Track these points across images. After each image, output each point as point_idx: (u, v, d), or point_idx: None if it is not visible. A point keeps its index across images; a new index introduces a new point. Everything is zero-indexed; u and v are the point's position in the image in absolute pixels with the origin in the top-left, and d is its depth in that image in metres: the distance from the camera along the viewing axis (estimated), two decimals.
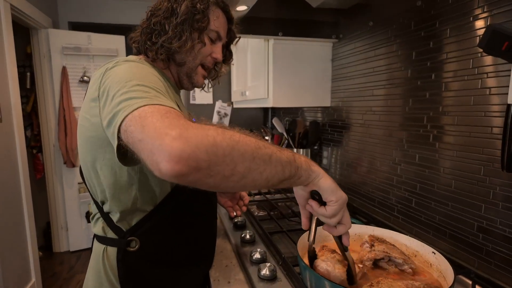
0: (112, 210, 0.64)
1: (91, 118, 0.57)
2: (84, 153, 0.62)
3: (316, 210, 0.52)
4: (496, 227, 0.72)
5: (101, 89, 0.54)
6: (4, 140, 1.89)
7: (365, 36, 1.18)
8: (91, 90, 0.58)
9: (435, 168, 0.88)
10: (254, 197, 1.30)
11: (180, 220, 0.67)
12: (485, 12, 0.72)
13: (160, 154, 0.37)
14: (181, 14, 0.65)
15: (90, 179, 0.64)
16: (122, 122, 0.44)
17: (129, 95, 0.47)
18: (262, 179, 0.43)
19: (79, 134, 0.63)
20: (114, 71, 0.55)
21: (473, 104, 0.76)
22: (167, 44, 0.65)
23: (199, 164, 0.37)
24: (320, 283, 0.56)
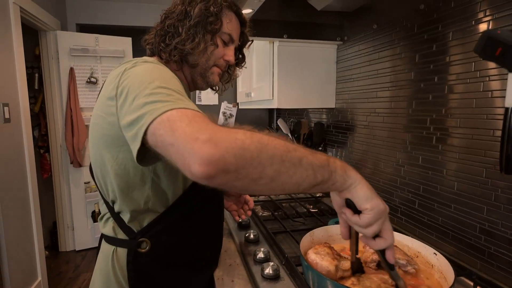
0: (123, 210, 0.64)
1: (106, 117, 0.57)
2: (97, 151, 0.62)
3: (349, 218, 0.49)
4: (498, 229, 0.72)
5: (119, 89, 0.54)
6: (12, 140, 1.93)
7: (369, 38, 1.19)
8: (108, 89, 0.58)
9: (438, 170, 0.89)
10: (258, 198, 1.31)
11: (191, 222, 0.68)
12: (487, 16, 0.73)
13: (191, 157, 0.38)
14: (194, 17, 0.66)
15: (102, 178, 0.64)
16: (149, 125, 0.44)
17: (154, 98, 0.47)
18: (291, 182, 0.42)
19: (91, 132, 0.64)
20: (133, 71, 0.56)
21: (475, 106, 0.77)
22: (181, 45, 0.66)
23: (227, 167, 0.38)
24: (322, 282, 0.57)
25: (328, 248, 0.66)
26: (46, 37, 2.62)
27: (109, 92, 0.57)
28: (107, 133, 0.58)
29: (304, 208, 1.19)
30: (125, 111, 0.51)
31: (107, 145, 0.60)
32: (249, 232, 0.92)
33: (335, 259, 0.63)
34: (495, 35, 0.35)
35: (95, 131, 0.62)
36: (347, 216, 0.49)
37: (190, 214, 0.67)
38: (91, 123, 0.64)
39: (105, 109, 0.58)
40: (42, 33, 2.62)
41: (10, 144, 1.89)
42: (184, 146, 0.40)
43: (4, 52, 1.86)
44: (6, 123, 1.83)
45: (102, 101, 0.59)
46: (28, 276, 2.07)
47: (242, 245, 0.89)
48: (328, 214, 1.11)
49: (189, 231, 0.68)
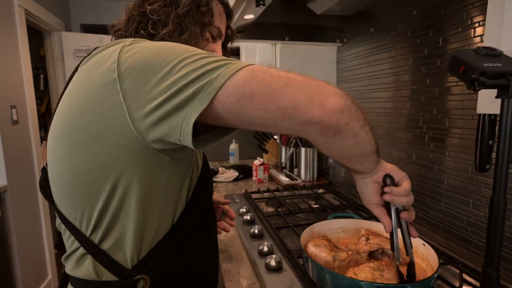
0: (111, 240, 0.49)
1: (101, 111, 0.44)
2: (73, 160, 0.46)
3: (396, 192, 0.52)
4: (482, 222, 0.78)
5: (123, 67, 0.43)
6: (21, 141, 1.98)
7: (367, 41, 1.24)
8: (95, 75, 0.45)
9: (430, 166, 0.95)
10: (263, 195, 1.38)
11: (191, 242, 0.57)
12: (474, 24, 0.78)
13: (324, 92, 0.40)
14: (183, 5, 0.57)
15: (76, 200, 0.48)
16: (226, 81, 0.39)
17: (208, 59, 0.42)
18: (363, 146, 0.47)
19: (58, 137, 0.48)
20: (141, 46, 0.45)
21: (462, 108, 0.82)
22: (168, 38, 0.56)
23: (351, 103, 0.42)
24: (320, 272, 0.64)
25: (326, 240, 0.72)
26: (50, 38, 2.67)
27: (99, 78, 0.44)
28: (103, 132, 0.44)
29: (306, 204, 1.25)
30: (155, 85, 0.41)
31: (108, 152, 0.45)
32: (253, 227, 0.99)
33: (332, 251, 0.69)
34: (459, 55, 0.41)
35: (70, 133, 0.46)
36: (394, 192, 0.53)
37: (188, 237, 0.56)
38: (58, 124, 0.48)
39: (95, 101, 0.44)
40: (46, 34, 2.66)
41: (18, 145, 1.95)
42: (311, 83, 0.41)
43: (10, 55, 1.90)
44: (14, 124, 1.89)
45: (83, 92, 0.45)
46: (39, 275, 2.13)
47: (247, 239, 0.95)
48: (328, 210, 1.17)
49: (188, 257, 0.56)
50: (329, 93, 0.41)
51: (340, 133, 0.43)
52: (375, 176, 0.54)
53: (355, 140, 0.45)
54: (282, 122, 0.42)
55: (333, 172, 1.61)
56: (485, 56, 0.41)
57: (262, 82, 0.40)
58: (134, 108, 0.42)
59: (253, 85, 0.40)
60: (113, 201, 0.47)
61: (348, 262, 0.69)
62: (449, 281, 0.69)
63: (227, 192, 1.51)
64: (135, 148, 0.45)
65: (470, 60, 0.40)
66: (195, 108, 0.40)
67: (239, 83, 0.40)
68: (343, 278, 0.58)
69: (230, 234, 1.02)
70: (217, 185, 1.65)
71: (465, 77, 0.40)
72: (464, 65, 0.40)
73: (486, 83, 0.38)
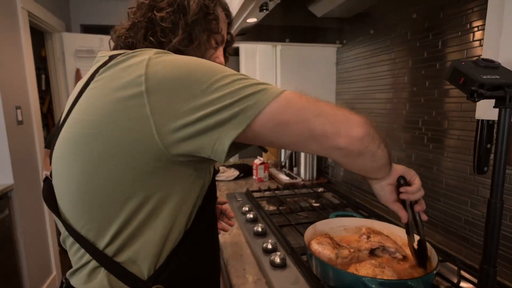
0: (131, 254, 0.48)
1: (128, 122, 0.43)
2: (91, 172, 0.46)
3: (411, 191, 0.61)
4: (480, 220, 0.81)
5: (153, 81, 0.43)
6: (25, 141, 2.01)
7: (367, 43, 1.26)
8: (118, 85, 0.45)
9: (429, 167, 0.97)
10: (264, 193, 1.40)
11: (200, 247, 0.57)
12: (473, 28, 0.80)
13: (350, 122, 0.47)
14: (192, 13, 0.57)
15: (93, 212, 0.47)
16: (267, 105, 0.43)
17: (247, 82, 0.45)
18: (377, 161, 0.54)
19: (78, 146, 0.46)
20: (169, 60, 0.45)
21: (461, 110, 0.85)
22: (182, 47, 0.56)
23: (370, 129, 0.49)
24: (324, 268, 0.66)
25: (329, 238, 0.74)
26: (52, 39, 2.68)
27: (123, 89, 0.44)
28: (126, 144, 0.44)
29: (307, 203, 1.27)
30: (187, 102, 0.42)
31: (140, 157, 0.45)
32: (257, 225, 1.01)
33: (335, 248, 0.71)
34: (459, 66, 0.43)
35: (90, 144, 0.45)
36: (409, 191, 0.61)
37: (198, 242, 0.56)
38: (72, 134, 0.47)
39: (119, 112, 0.44)
40: (47, 35, 2.68)
41: (23, 145, 1.98)
42: (337, 114, 0.47)
43: (14, 56, 1.92)
44: (19, 125, 1.92)
45: (105, 103, 0.45)
46: (44, 271, 2.17)
47: (250, 237, 0.97)
48: (329, 208, 1.20)
49: (197, 261, 0.57)
50: (353, 123, 0.48)
51: (361, 155, 0.50)
52: (390, 179, 0.61)
53: (372, 158, 0.52)
54: (311, 146, 0.48)
55: (332, 171, 1.64)
56: (484, 68, 0.43)
57: (298, 111, 0.46)
58: (162, 122, 0.43)
59: (290, 114, 0.45)
60: (136, 213, 0.47)
61: (350, 259, 0.71)
62: (448, 277, 0.71)
63: (229, 191, 1.53)
64: (159, 160, 0.45)
65: (470, 72, 0.42)
66: (231, 131, 0.43)
67: (278, 110, 0.45)
68: (346, 274, 0.61)
69: (234, 232, 1.05)
70: (218, 184, 1.67)
71: (465, 88, 0.42)
72: (464, 76, 0.42)
73: (485, 95, 0.40)
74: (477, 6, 0.78)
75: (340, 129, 0.47)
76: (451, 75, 0.45)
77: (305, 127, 0.46)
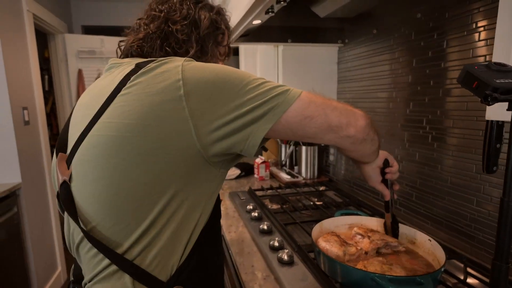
0: (154, 256, 0.49)
1: (169, 125, 0.46)
2: (125, 174, 0.47)
3: (394, 170, 0.74)
4: (486, 218, 0.82)
5: (191, 85, 0.46)
6: (31, 141, 2.03)
7: (369, 42, 1.27)
8: (155, 90, 0.46)
9: (433, 165, 0.98)
10: (266, 192, 1.41)
11: (212, 245, 0.59)
12: (479, 28, 0.81)
13: (357, 116, 0.58)
14: (204, 27, 0.62)
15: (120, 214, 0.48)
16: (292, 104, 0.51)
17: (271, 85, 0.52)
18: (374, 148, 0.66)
19: (110, 149, 0.47)
20: (201, 66, 0.50)
21: (467, 109, 0.85)
22: (195, 58, 0.58)
23: (369, 120, 0.60)
24: (333, 264, 0.67)
25: (336, 236, 0.75)
26: (54, 40, 2.70)
27: (160, 94, 0.46)
28: (164, 146, 0.46)
29: (310, 201, 1.28)
30: (223, 104, 0.48)
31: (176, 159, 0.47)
32: (262, 223, 1.02)
33: (342, 246, 0.72)
34: (473, 70, 0.44)
35: (125, 146, 0.46)
36: (392, 170, 0.74)
37: (212, 241, 0.58)
38: (103, 137, 0.48)
39: (159, 116, 0.46)
40: (50, 36, 2.69)
41: (30, 145, 2.01)
42: (346, 108, 0.57)
43: (21, 58, 1.94)
44: (26, 125, 1.93)
45: (142, 107, 0.46)
46: (50, 267, 2.22)
47: (256, 235, 0.98)
48: (332, 206, 1.20)
49: (211, 260, 0.58)
50: (358, 116, 0.58)
51: (364, 141, 0.61)
52: (378, 161, 0.74)
53: (371, 143, 0.63)
54: (328, 135, 0.56)
55: (334, 169, 1.65)
56: (497, 72, 0.44)
57: (319, 106, 0.54)
58: (201, 124, 0.47)
59: (314, 109, 0.53)
60: (166, 214, 0.48)
61: (358, 257, 0.72)
62: (454, 274, 0.72)
63: (231, 189, 1.54)
64: (193, 161, 0.49)
65: (483, 76, 0.43)
66: (264, 125, 0.50)
67: (303, 106, 0.53)
68: (355, 271, 0.61)
69: (239, 230, 1.05)
70: None
71: (478, 92, 0.43)
72: (477, 80, 0.43)
73: (499, 98, 0.42)
74: (482, 6, 0.79)
75: (351, 120, 0.57)
76: (464, 78, 0.46)
77: (325, 120, 0.54)
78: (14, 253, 1.77)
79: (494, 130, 0.49)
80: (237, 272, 0.81)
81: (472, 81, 0.44)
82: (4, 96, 1.74)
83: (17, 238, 1.81)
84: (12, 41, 1.84)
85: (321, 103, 0.55)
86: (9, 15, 1.82)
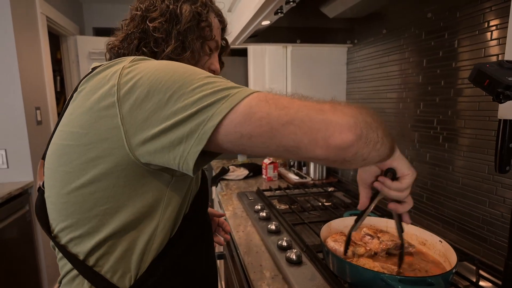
0: (112, 264, 0.49)
1: (100, 133, 0.44)
2: (70, 182, 0.47)
3: (389, 185, 0.52)
4: (499, 220, 0.80)
5: (123, 91, 0.43)
6: (44, 140, 2.07)
7: (379, 42, 1.26)
8: (93, 98, 0.45)
9: (445, 166, 0.97)
10: (274, 192, 1.41)
11: (187, 261, 0.56)
12: (491, 27, 0.80)
13: (330, 128, 0.38)
14: (185, 21, 0.57)
15: (73, 222, 0.48)
16: (228, 113, 0.39)
17: (214, 86, 0.41)
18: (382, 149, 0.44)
19: (61, 157, 0.47)
20: (143, 67, 0.45)
21: (478, 109, 0.84)
22: (175, 55, 0.56)
23: (361, 132, 0.39)
24: (341, 264, 0.66)
25: (345, 236, 0.75)
26: (66, 42, 2.75)
27: (98, 100, 0.44)
28: (101, 155, 0.44)
29: (318, 202, 1.28)
30: (152, 113, 0.41)
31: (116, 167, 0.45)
32: (270, 223, 1.02)
33: (351, 246, 0.72)
34: (484, 68, 0.44)
35: (70, 154, 0.46)
36: (386, 184, 0.53)
37: (184, 255, 0.55)
38: (57, 145, 0.48)
39: (94, 123, 0.44)
40: (63, 38, 2.74)
41: (42, 145, 2.04)
42: (314, 119, 0.38)
43: (34, 59, 1.99)
44: (38, 125, 1.98)
45: (83, 115, 0.45)
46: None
47: (265, 235, 0.98)
48: (341, 207, 1.20)
49: (185, 276, 0.55)
50: (335, 129, 0.38)
51: (348, 162, 0.42)
52: (385, 162, 0.53)
53: (364, 162, 0.44)
54: (285, 155, 0.42)
55: (342, 170, 1.64)
56: (509, 70, 0.44)
57: (261, 120, 0.39)
58: (131, 133, 0.43)
59: (252, 125, 0.39)
60: (116, 222, 0.47)
61: (367, 257, 0.72)
62: (466, 276, 0.71)
63: (239, 189, 1.54)
64: (134, 169, 0.45)
65: (495, 74, 0.43)
66: (193, 148, 0.40)
67: (236, 121, 0.39)
68: (365, 271, 0.61)
69: (247, 229, 1.06)
70: (228, 183, 1.69)
71: (490, 90, 0.43)
72: (489, 78, 0.43)
73: (511, 96, 0.41)
74: (494, 5, 0.78)
75: (317, 139, 0.38)
76: (476, 77, 0.45)
77: (272, 140, 0.39)
78: (26, 250, 1.81)
79: (507, 129, 0.48)
80: (245, 271, 0.81)
81: (484, 79, 0.44)
82: (18, 96, 1.79)
83: (29, 236, 1.85)
84: (26, 42, 1.89)
85: (266, 114, 0.39)
86: (23, 18, 1.87)
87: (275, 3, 0.91)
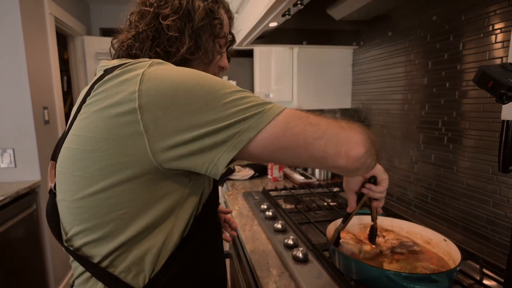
0: (127, 265, 0.49)
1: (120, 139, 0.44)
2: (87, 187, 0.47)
3: (375, 190, 0.66)
4: (503, 220, 0.81)
5: (147, 98, 0.42)
6: (51, 140, 2.10)
7: (384, 44, 1.28)
8: (113, 102, 0.44)
9: (449, 167, 0.98)
10: (280, 192, 1.42)
11: (199, 260, 0.56)
12: (495, 30, 0.81)
13: (349, 143, 0.46)
14: (198, 19, 0.55)
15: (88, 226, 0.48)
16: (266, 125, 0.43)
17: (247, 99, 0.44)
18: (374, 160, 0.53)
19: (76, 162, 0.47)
20: (163, 75, 0.44)
21: (483, 111, 0.85)
22: (189, 55, 0.55)
23: (369, 146, 0.48)
24: (347, 262, 0.68)
25: (351, 234, 0.77)
26: (74, 42, 2.79)
27: (117, 106, 0.44)
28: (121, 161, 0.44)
29: (324, 202, 1.29)
30: (180, 120, 0.42)
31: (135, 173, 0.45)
32: (276, 222, 1.04)
33: (357, 244, 0.74)
34: (488, 70, 0.46)
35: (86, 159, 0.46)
36: (372, 189, 0.67)
37: (196, 254, 0.55)
38: (71, 150, 0.48)
39: (114, 129, 0.44)
40: (70, 38, 2.78)
41: (49, 144, 2.07)
42: (339, 135, 0.46)
43: (42, 59, 2.02)
44: (46, 124, 2.01)
45: (101, 119, 0.45)
46: (67, 264, 2.27)
47: (271, 233, 1.00)
48: (346, 207, 1.20)
49: (196, 272, 0.56)
50: (354, 143, 0.47)
51: (358, 170, 0.51)
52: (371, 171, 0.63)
53: (366, 170, 0.53)
54: (311, 164, 0.49)
55: None
56: None
57: (298, 135, 0.45)
58: (156, 140, 0.43)
59: (289, 138, 0.45)
60: (134, 226, 0.48)
61: (372, 255, 0.73)
62: (470, 275, 0.72)
63: (245, 189, 1.56)
64: (155, 174, 0.46)
65: (498, 76, 0.44)
66: (225, 154, 0.43)
67: (275, 135, 0.44)
68: (371, 268, 0.63)
69: (254, 228, 1.08)
70: (234, 183, 1.71)
71: (493, 91, 0.45)
72: (492, 80, 0.45)
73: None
74: (499, 9, 0.79)
75: (341, 151, 0.46)
76: (480, 79, 0.47)
77: (306, 151, 0.46)
78: (33, 249, 1.83)
79: (510, 130, 0.49)
80: (252, 269, 0.83)
81: (488, 81, 0.45)
82: (26, 96, 1.81)
83: (36, 235, 1.87)
84: (35, 43, 1.92)
85: (302, 130, 0.45)
86: (32, 18, 1.90)
87: (283, 5, 0.93)
